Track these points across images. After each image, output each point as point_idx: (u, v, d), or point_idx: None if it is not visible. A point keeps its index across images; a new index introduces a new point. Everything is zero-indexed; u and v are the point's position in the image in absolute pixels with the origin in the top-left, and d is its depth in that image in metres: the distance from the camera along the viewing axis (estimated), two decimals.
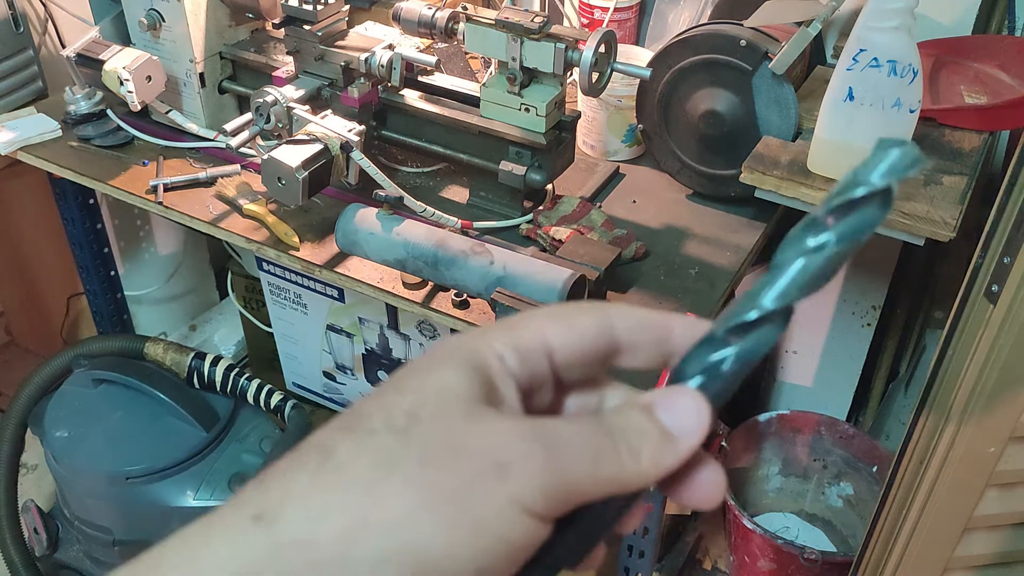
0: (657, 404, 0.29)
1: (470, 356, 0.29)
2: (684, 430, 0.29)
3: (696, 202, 1.30)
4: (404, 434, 0.26)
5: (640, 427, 0.28)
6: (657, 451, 0.28)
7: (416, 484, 0.25)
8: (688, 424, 0.29)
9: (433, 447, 0.26)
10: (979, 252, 0.81)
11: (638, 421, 0.29)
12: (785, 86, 1.16)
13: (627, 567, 1.25)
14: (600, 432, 0.28)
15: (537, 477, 0.26)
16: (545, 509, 0.26)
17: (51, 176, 1.48)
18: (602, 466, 0.27)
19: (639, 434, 0.28)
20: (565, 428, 0.28)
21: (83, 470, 1.45)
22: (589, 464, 0.27)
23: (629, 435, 0.28)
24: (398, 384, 0.28)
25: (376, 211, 1.12)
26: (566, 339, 0.31)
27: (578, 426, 0.28)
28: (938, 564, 0.92)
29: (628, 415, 0.29)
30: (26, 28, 1.58)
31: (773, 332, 0.29)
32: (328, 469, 0.26)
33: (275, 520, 0.25)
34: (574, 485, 0.27)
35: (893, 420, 1.68)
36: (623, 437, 0.28)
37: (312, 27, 1.22)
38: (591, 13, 1.46)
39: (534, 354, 0.30)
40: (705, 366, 0.30)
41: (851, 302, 1.62)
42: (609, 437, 0.28)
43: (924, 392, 0.89)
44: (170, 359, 1.54)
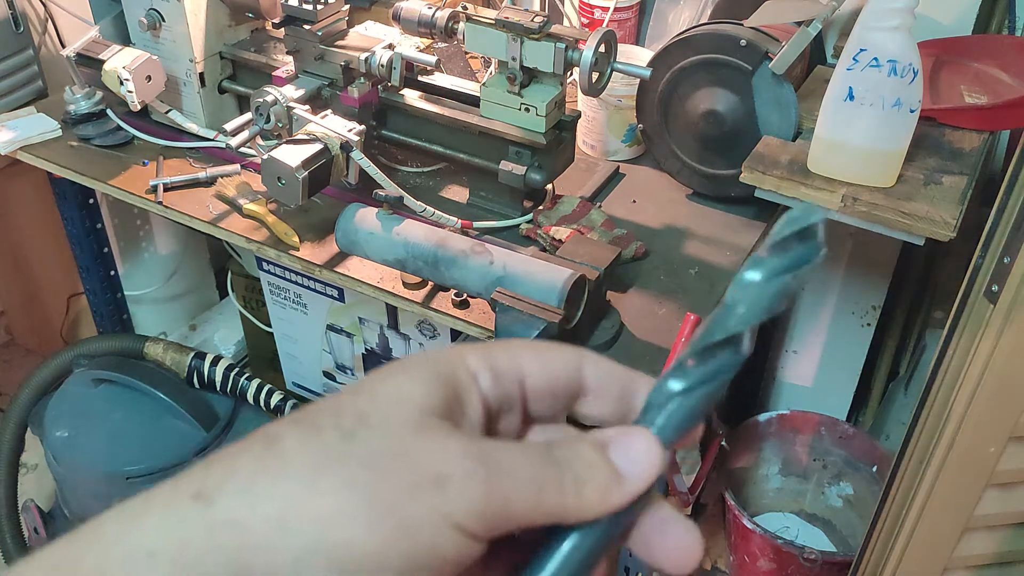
0: (611, 442, 0.29)
1: (440, 369, 0.29)
2: (633, 473, 0.29)
3: (696, 202, 1.30)
4: (349, 435, 0.27)
5: (590, 461, 0.29)
6: (604, 488, 0.28)
7: (352, 484, 0.26)
8: (638, 468, 0.29)
9: (375, 451, 0.26)
10: (979, 252, 0.81)
11: (589, 456, 0.29)
12: (785, 86, 1.16)
13: (627, 567, 1.25)
14: (547, 462, 0.28)
15: (474, 497, 0.26)
16: (479, 528, 0.27)
17: (51, 176, 1.48)
18: (544, 495, 0.28)
19: (587, 468, 0.28)
20: (512, 453, 0.28)
21: (83, 470, 1.45)
22: (531, 492, 0.27)
23: (576, 468, 0.28)
24: (358, 387, 0.29)
25: (376, 211, 1.12)
26: (539, 370, 0.32)
27: (526, 453, 0.28)
28: (938, 564, 0.92)
29: (579, 448, 0.29)
30: (26, 28, 1.58)
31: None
32: (271, 455, 0.26)
33: (212, 499, 0.26)
34: (512, 510, 0.27)
35: (893, 420, 1.68)
36: (570, 469, 0.28)
37: (312, 27, 1.22)
38: (591, 13, 1.46)
39: (506, 378, 0.31)
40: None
41: (851, 302, 1.62)
42: (555, 467, 0.28)
43: (924, 392, 0.89)
44: (170, 359, 1.54)
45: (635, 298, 1.12)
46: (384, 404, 0.28)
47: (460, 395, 0.29)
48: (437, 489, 0.26)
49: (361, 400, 0.28)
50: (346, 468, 0.26)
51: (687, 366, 0.30)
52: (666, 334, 1.05)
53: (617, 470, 0.29)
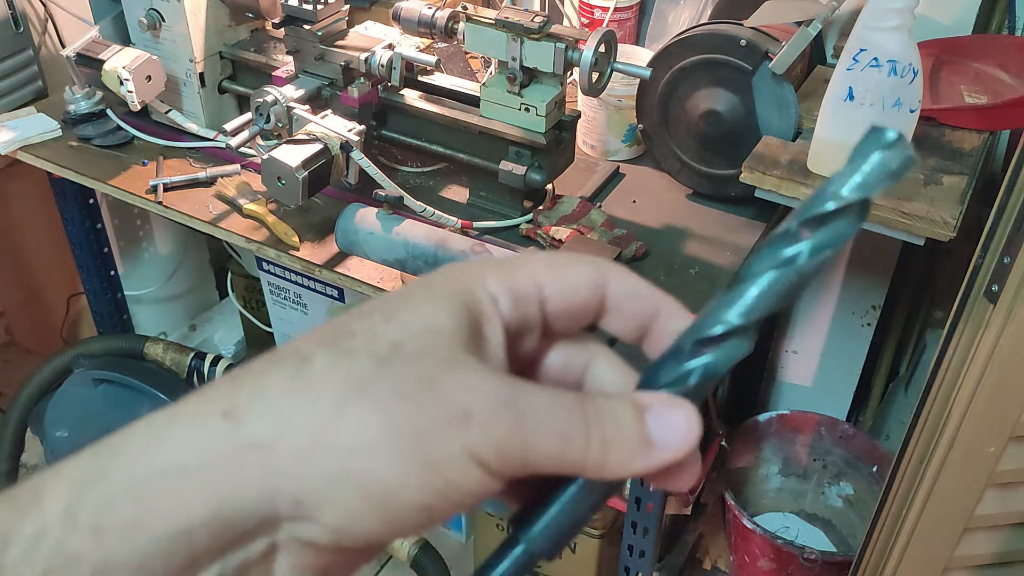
0: (652, 409, 0.28)
1: (464, 295, 0.29)
2: (666, 444, 0.28)
3: (696, 202, 1.30)
4: (383, 363, 0.26)
5: (623, 425, 0.28)
6: (630, 455, 0.28)
7: (383, 412, 0.26)
8: (673, 440, 0.28)
9: (408, 382, 0.26)
10: (979, 252, 0.81)
11: (624, 419, 0.28)
12: (785, 86, 1.16)
13: (627, 567, 1.25)
14: (578, 415, 0.28)
15: (498, 437, 0.26)
16: (500, 468, 0.27)
17: (51, 176, 1.48)
18: (568, 449, 0.27)
19: (618, 432, 0.28)
20: (543, 400, 0.27)
21: None
22: (555, 444, 0.27)
23: (607, 429, 0.28)
24: (387, 309, 0.28)
25: (376, 211, 1.12)
26: (560, 288, 0.31)
27: (558, 403, 0.28)
28: (938, 564, 0.92)
29: (617, 409, 0.28)
30: (26, 28, 1.58)
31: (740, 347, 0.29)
32: (302, 378, 0.26)
33: (241, 418, 0.25)
34: (533, 457, 0.27)
35: (893, 420, 1.68)
36: (600, 428, 0.28)
37: (312, 27, 1.22)
38: (591, 13, 1.46)
39: (527, 299, 0.30)
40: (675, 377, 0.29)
41: (851, 302, 1.62)
42: (584, 423, 0.27)
43: (924, 392, 0.89)
44: (170, 359, 1.54)
45: None
46: (417, 335, 0.27)
47: (482, 324, 0.29)
48: (464, 425, 0.26)
49: (393, 328, 0.27)
50: (377, 397, 0.26)
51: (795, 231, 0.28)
52: None
53: (649, 438, 0.28)
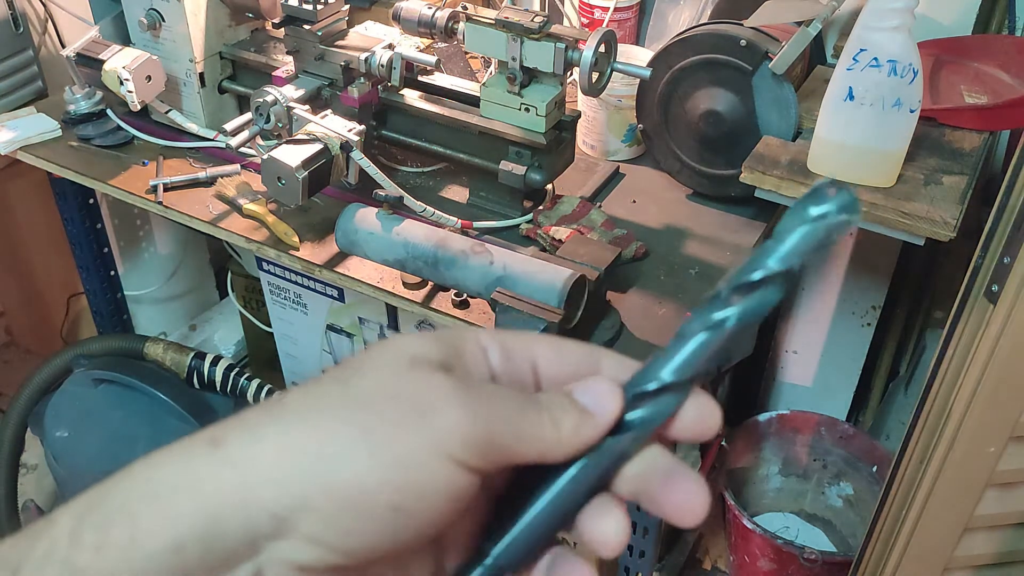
0: (575, 388, 0.32)
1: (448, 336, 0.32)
2: (598, 408, 0.31)
3: (696, 202, 1.30)
4: (345, 383, 0.30)
5: (562, 403, 0.31)
6: (577, 423, 0.31)
7: (346, 421, 0.28)
8: (603, 403, 0.32)
9: (368, 392, 0.29)
10: (979, 252, 0.81)
11: (560, 400, 0.32)
12: (785, 86, 1.16)
13: (627, 567, 1.25)
14: (528, 400, 0.31)
15: (458, 424, 0.28)
16: (467, 457, 0.29)
17: (51, 176, 1.48)
18: (526, 426, 0.30)
19: (561, 409, 0.31)
20: (495, 389, 0.31)
21: (83, 470, 1.45)
22: (513, 421, 0.30)
23: (553, 409, 0.31)
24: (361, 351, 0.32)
25: (376, 211, 1.12)
26: (553, 358, 0.34)
27: (508, 392, 0.31)
28: (938, 564, 0.92)
29: (552, 395, 0.32)
30: (26, 28, 1.58)
31: (671, 403, 0.32)
32: (275, 405, 0.30)
33: (223, 442, 0.29)
34: (497, 440, 0.29)
35: (893, 420, 1.68)
36: (549, 409, 0.31)
37: (312, 27, 1.22)
38: (591, 13, 1.46)
39: (518, 358, 0.33)
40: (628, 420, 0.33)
41: (851, 302, 1.62)
42: (535, 405, 0.31)
43: (924, 392, 0.89)
44: (170, 359, 1.54)
45: (635, 298, 1.12)
46: (378, 354, 0.30)
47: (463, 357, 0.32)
48: (424, 419, 0.28)
49: (358, 357, 0.31)
50: (342, 409, 0.29)
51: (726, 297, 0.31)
52: (666, 334, 1.05)
53: (584, 407, 0.32)
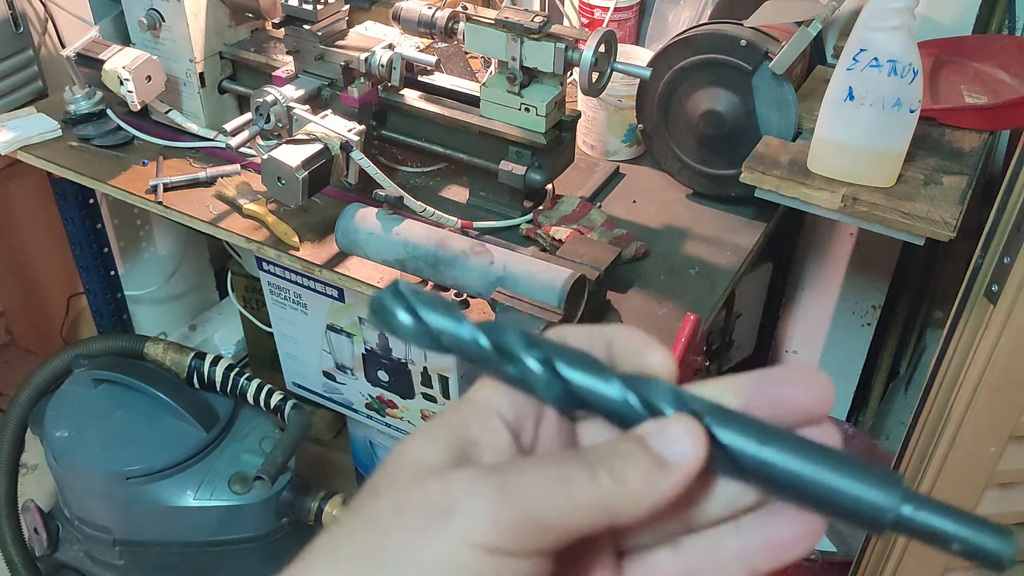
0: (648, 434, 0.28)
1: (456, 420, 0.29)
2: (682, 455, 0.27)
3: (696, 202, 1.30)
4: (356, 512, 0.27)
5: (630, 454, 0.27)
6: (649, 478, 0.27)
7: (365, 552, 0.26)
8: (683, 449, 0.27)
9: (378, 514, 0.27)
10: (979, 252, 0.81)
11: (625, 448, 0.28)
12: (785, 86, 1.16)
13: None
14: (571, 461, 0.27)
15: (486, 511, 0.25)
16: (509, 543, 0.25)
17: (51, 176, 1.48)
18: (575, 491, 0.26)
19: (624, 459, 0.27)
20: (522, 462, 0.27)
21: (83, 470, 1.45)
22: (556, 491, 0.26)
23: (610, 461, 0.27)
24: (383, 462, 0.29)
25: (376, 211, 1.12)
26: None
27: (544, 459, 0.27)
28: (938, 564, 0.92)
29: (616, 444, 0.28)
30: (26, 28, 1.58)
31: None
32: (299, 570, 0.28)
33: None
34: (539, 515, 0.26)
35: (893, 420, 1.68)
36: (603, 464, 0.27)
37: (312, 27, 1.22)
38: (591, 13, 1.46)
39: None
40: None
41: (851, 302, 1.62)
42: (584, 465, 0.27)
43: (924, 392, 0.89)
44: (170, 359, 1.54)
45: (635, 298, 1.12)
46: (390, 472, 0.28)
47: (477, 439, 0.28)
48: (445, 519, 0.25)
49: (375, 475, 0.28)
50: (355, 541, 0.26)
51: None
52: (666, 334, 1.05)
53: (660, 456, 0.27)
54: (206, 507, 1.44)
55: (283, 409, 1.52)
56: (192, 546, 1.48)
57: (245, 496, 1.44)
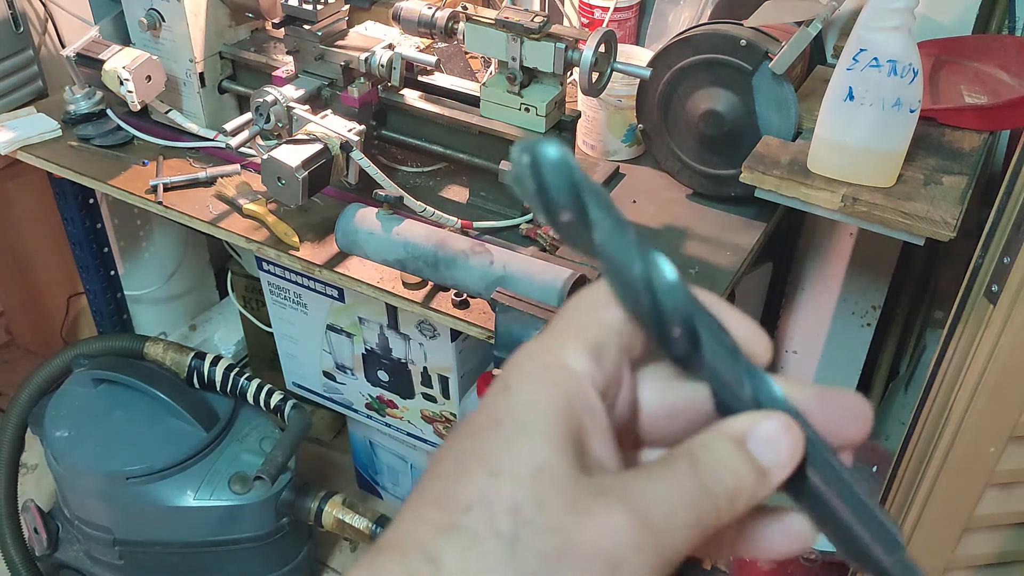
0: (750, 436, 0.28)
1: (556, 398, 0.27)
2: (777, 463, 0.27)
3: (696, 202, 1.30)
4: (512, 542, 0.25)
5: (734, 468, 0.27)
6: (753, 492, 0.27)
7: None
8: (782, 456, 0.27)
9: (542, 557, 0.25)
10: (979, 252, 0.81)
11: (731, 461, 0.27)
12: (785, 86, 1.16)
13: None
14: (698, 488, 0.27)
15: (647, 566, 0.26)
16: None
17: (51, 176, 1.48)
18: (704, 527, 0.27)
19: (735, 478, 0.27)
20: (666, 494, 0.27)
21: (83, 470, 1.45)
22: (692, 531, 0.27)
23: (725, 480, 0.27)
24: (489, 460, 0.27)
25: (376, 211, 1.12)
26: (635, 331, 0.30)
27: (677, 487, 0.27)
28: (938, 564, 0.92)
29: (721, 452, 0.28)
30: (26, 28, 1.58)
31: None
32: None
33: None
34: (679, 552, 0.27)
35: (893, 420, 1.67)
36: (720, 485, 0.27)
37: (312, 27, 1.22)
38: (591, 13, 1.46)
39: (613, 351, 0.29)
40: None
41: (851, 302, 1.62)
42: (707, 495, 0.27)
43: (924, 392, 0.89)
44: (170, 359, 1.54)
45: None
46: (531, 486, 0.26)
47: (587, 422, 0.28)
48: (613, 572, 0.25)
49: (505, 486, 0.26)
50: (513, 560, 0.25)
51: None
52: None
53: (761, 468, 0.27)
54: (206, 507, 1.44)
55: (283, 409, 1.52)
56: (192, 546, 1.48)
57: (245, 496, 1.44)
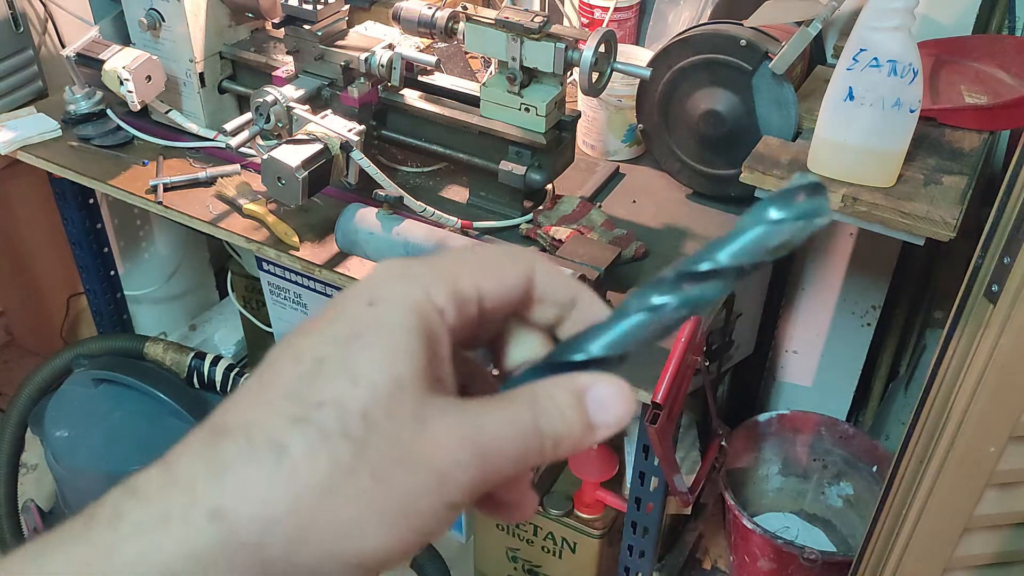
0: (589, 394, 0.31)
1: (416, 322, 0.29)
2: (605, 422, 0.31)
3: (696, 202, 1.30)
4: (360, 443, 0.27)
5: (569, 418, 0.30)
6: (577, 442, 0.30)
7: (367, 496, 0.27)
8: (611, 417, 0.31)
9: (384, 458, 0.27)
10: (979, 252, 0.81)
11: (568, 410, 0.30)
12: (785, 86, 1.16)
13: (627, 567, 1.25)
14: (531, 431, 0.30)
15: (471, 482, 0.28)
16: (470, 500, 0.29)
17: (51, 176, 1.48)
18: (525, 462, 0.30)
19: (567, 425, 0.30)
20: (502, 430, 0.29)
21: (83, 470, 1.45)
22: (517, 464, 0.29)
23: (556, 425, 0.30)
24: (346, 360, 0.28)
25: (376, 211, 1.12)
26: (497, 288, 0.32)
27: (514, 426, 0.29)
28: (938, 564, 0.92)
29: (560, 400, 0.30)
30: (26, 28, 1.58)
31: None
32: (284, 470, 0.27)
33: (231, 522, 0.26)
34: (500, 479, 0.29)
35: (893, 420, 1.67)
36: (551, 428, 0.30)
37: (312, 27, 1.22)
38: (591, 13, 1.46)
39: (469, 303, 0.31)
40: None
41: (851, 302, 1.62)
42: (538, 435, 0.30)
43: (924, 392, 0.89)
44: (170, 359, 1.54)
45: None
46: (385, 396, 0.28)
47: (437, 348, 0.30)
48: (440, 487, 0.28)
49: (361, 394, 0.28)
50: (359, 480, 0.27)
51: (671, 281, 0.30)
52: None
53: (591, 422, 0.30)
54: None
55: None
56: None
57: None
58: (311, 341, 0.29)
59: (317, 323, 0.30)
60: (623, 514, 1.24)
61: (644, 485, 1.14)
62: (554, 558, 1.51)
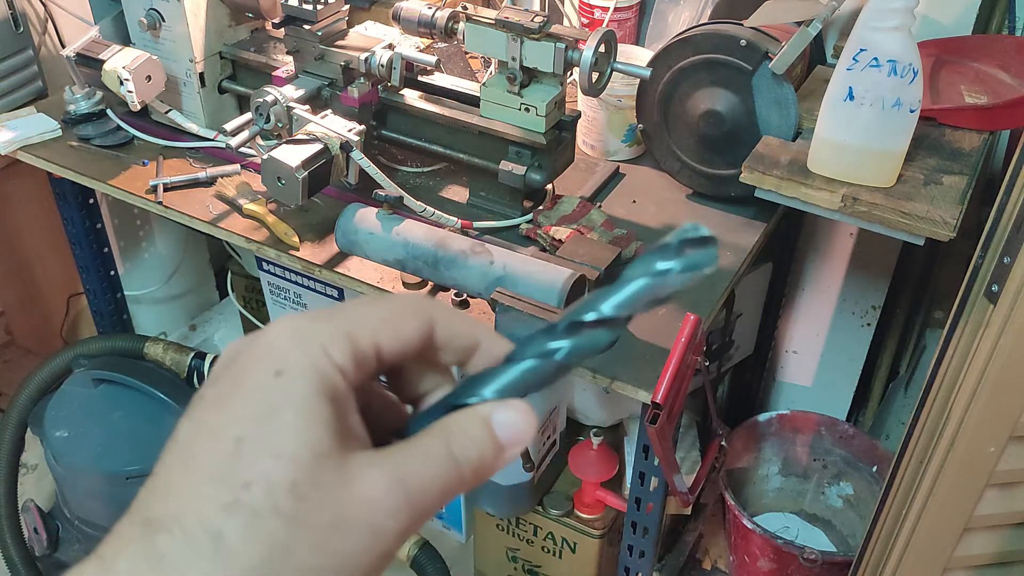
0: (494, 418, 0.32)
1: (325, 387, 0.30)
2: (512, 441, 0.32)
3: (696, 202, 1.30)
4: (292, 518, 0.27)
5: (480, 442, 0.31)
6: (492, 464, 0.32)
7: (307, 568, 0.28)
8: (519, 436, 0.32)
9: (319, 528, 0.28)
10: (979, 252, 0.81)
11: (479, 434, 0.32)
12: (785, 86, 1.16)
13: (627, 567, 1.25)
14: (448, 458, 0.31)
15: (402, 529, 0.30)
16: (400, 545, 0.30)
17: (51, 176, 1.48)
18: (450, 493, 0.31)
19: (478, 452, 0.31)
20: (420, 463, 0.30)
21: (83, 470, 1.45)
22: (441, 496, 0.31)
23: (470, 451, 0.31)
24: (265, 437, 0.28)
25: (376, 211, 1.12)
26: (394, 345, 0.32)
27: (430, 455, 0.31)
28: (938, 564, 0.92)
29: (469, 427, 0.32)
30: (26, 28, 1.58)
31: None
32: (223, 556, 0.27)
33: None
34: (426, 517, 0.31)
35: (893, 420, 1.67)
36: (465, 454, 0.31)
37: (312, 27, 1.22)
38: (591, 13, 1.46)
39: (368, 360, 0.32)
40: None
41: (851, 302, 1.62)
42: (455, 463, 0.31)
43: (924, 392, 0.89)
44: (170, 359, 1.54)
45: None
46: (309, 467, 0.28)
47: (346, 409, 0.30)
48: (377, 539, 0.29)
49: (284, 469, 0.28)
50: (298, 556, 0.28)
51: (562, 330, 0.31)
52: (666, 334, 1.05)
53: (500, 444, 0.32)
54: None
55: None
56: None
57: None
58: (225, 419, 0.29)
59: (222, 394, 0.30)
60: (623, 514, 1.24)
61: (644, 485, 1.14)
62: (554, 558, 1.51)
